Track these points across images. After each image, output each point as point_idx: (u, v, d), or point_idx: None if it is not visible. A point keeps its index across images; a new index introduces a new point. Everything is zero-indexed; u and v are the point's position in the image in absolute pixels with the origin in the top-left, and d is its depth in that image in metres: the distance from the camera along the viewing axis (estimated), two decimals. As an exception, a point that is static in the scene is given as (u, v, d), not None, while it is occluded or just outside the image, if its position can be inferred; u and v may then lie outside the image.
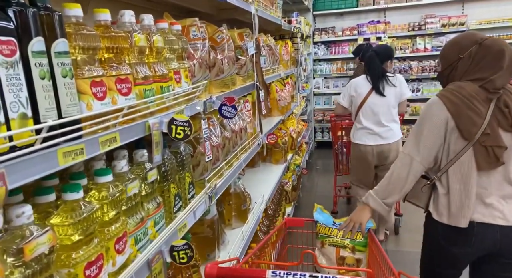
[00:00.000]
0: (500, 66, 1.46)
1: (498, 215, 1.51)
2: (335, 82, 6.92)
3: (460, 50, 1.54)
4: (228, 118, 1.56)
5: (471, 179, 1.50)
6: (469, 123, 1.46)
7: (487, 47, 1.48)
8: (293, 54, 4.25)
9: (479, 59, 1.49)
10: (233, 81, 1.94)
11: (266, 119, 3.37)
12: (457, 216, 1.52)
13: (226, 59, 1.82)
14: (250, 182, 2.99)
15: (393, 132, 3.17)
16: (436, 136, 1.52)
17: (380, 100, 3.10)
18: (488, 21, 5.94)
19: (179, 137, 1.10)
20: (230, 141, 1.88)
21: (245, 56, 2.18)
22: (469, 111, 1.46)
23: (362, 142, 3.17)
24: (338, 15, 6.86)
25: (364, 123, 3.13)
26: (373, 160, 3.18)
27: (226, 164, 1.81)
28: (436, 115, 1.52)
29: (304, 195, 4.77)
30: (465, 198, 1.51)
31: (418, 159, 1.55)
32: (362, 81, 3.22)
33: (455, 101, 1.48)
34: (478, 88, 1.48)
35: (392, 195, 1.61)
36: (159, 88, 1.12)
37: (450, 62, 1.58)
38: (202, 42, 1.60)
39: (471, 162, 1.49)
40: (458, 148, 1.51)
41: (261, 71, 2.41)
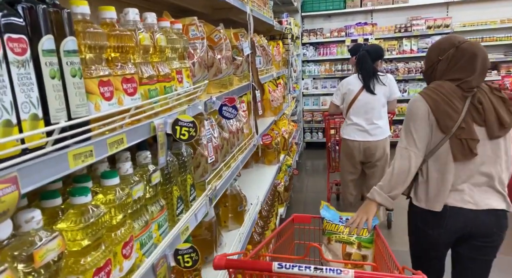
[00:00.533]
0: (473, 69, 1.61)
1: (469, 200, 1.67)
2: (323, 83, 6.97)
3: (439, 52, 1.71)
4: (229, 119, 1.54)
5: (447, 168, 1.66)
6: (446, 118, 1.62)
7: (463, 50, 1.64)
8: (284, 55, 4.25)
9: (456, 61, 1.65)
10: (230, 82, 1.93)
11: (260, 120, 3.36)
12: (433, 201, 1.69)
13: (224, 59, 1.80)
14: (245, 182, 2.97)
15: (382, 130, 3.26)
16: (425, 128, 1.67)
17: (370, 98, 3.20)
18: (472, 23, 6.08)
19: (184, 139, 1.08)
20: (228, 141, 1.86)
21: (241, 56, 2.16)
22: (446, 107, 1.62)
23: (350, 137, 3.26)
24: (326, 16, 6.91)
25: (354, 120, 3.23)
26: (359, 156, 3.29)
27: (225, 165, 1.79)
28: (420, 109, 1.67)
29: (295, 196, 4.78)
30: (441, 186, 1.68)
31: (416, 150, 1.68)
32: (353, 80, 3.33)
33: (434, 98, 1.65)
34: (456, 87, 1.64)
35: (396, 188, 1.72)
36: (163, 88, 1.10)
37: (431, 63, 1.75)
38: (201, 42, 1.58)
39: (448, 153, 1.65)
40: (437, 140, 1.67)
41: (257, 72, 2.40)
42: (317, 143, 7.07)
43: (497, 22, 5.94)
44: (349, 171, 3.48)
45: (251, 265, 1.14)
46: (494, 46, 6.09)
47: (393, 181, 1.72)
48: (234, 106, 1.51)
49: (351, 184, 3.55)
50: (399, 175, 1.71)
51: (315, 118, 7.01)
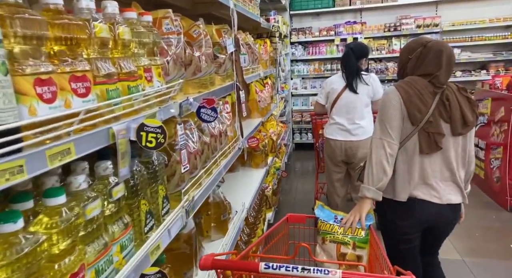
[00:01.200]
0: (439, 64, 1.73)
1: (435, 194, 1.79)
2: (312, 83, 6.86)
3: (409, 52, 1.84)
4: (208, 122, 1.39)
5: (414, 161, 1.77)
6: (415, 110, 1.71)
7: (429, 48, 1.76)
8: (271, 54, 4.12)
9: (423, 58, 1.78)
10: (211, 81, 1.78)
11: (246, 122, 3.22)
12: (399, 191, 1.79)
13: (204, 57, 1.66)
14: (230, 188, 2.82)
15: (364, 130, 3.20)
16: (398, 118, 1.75)
17: (353, 98, 3.14)
18: (461, 22, 6.04)
19: (151, 146, 0.93)
20: (209, 146, 1.72)
21: (224, 54, 2.02)
22: (417, 100, 1.72)
23: (333, 136, 3.23)
24: (315, 15, 6.80)
25: (336, 119, 3.19)
26: (341, 155, 3.24)
27: (205, 172, 1.64)
28: (393, 100, 1.76)
29: (283, 198, 4.65)
30: (407, 176, 1.78)
31: (389, 139, 1.75)
32: (336, 79, 3.26)
33: (407, 90, 1.75)
34: (428, 83, 1.75)
35: (381, 179, 1.76)
36: (126, 88, 0.95)
37: (402, 63, 1.88)
38: (176, 37, 1.43)
39: (416, 146, 1.75)
40: (407, 132, 1.76)
41: (241, 71, 2.26)
42: (307, 143, 6.96)
43: (486, 21, 5.91)
44: (333, 171, 3.42)
45: (237, 265, 1.13)
46: (483, 46, 6.06)
47: (375, 173, 1.76)
48: (214, 108, 1.36)
49: (337, 184, 3.46)
50: (378, 165, 1.75)
51: (304, 119, 6.89)
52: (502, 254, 3.12)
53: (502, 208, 3.91)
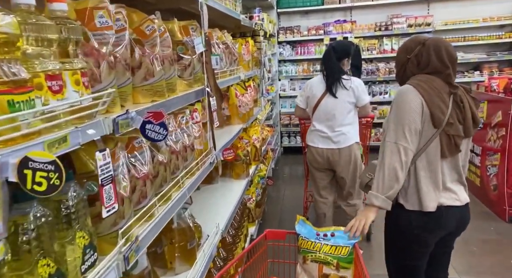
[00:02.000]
0: (442, 61, 1.67)
1: (455, 197, 1.72)
2: (301, 85, 6.58)
3: (407, 52, 1.76)
4: (155, 141, 1.10)
5: (436, 166, 1.67)
6: (439, 111, 1.62)
7: (429, 46, 1.70)
8: (255, 54, 3.83)
9: (424, 57, 1.70)
10: (171, 87, 1.49)
11: (225, 129, 2.93)
12: (426, 201, 1.66)
13: (159, 58, 1.36)
14: (204, 204, 2.53)
15: (346, 137, 2.97)
16: (417, 121, 1.63)
17: (333, 104, 2.92)
18: (454, 21, 5.83)
19: (40, 191, 0.64)
20: (168, 165, 1.42)
21: (189, 55, 1.72)
22: (439, 101, 1.63)
23: (314, 144, 3.05)
24: (303, 13, 6.54)
25: (316, 126, 3.02)
26: (324, 163, 3.05)
27: (160, 198, 1.35)
28: (413, 101, 1.63)
29: (269, 208, 4.36)
30: (432, 184, 1.67)
31: (406, 144, 1.62)
32: (317, 82, 3.02)
33: (428, 90, 1.63)
34: (444, 83, 1.67)
35: (392, 187, 1.64)
36: (5, 104, 0.65)
37: (401, 64, 1.79)
38: (116, 34, 1.13)
39: (437, 150, 1.65)
40: (428, 136, 1.65)
41: (213, 74, 1.97)
42: (296, 147, 6.68)
43: (480, 21, 5.71)
44: (318, 177, 3.18)
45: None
46: (476, 46, 5.86)
47: (387, 180, 1.64)
48: (163, 124, 1.07)
49: (323, 192, 3.22)
50: (391, 172, 1.63)
51: (292, 122, 6.62)
52: (503, 271, 2.88)
53: (500, 219, 3.68)
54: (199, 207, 2.46)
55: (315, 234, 1.65)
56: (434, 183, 1.68)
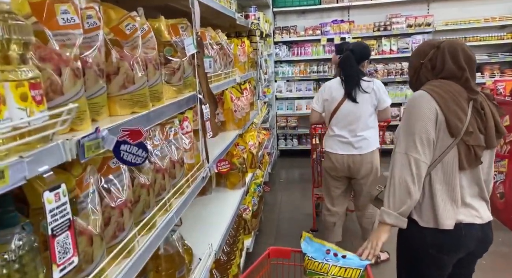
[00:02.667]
0: (459, 64, 1.52)
1: (476, 214, 1.57)
2: (298, 86, 6.41)
3: (420, 56, 1.63)
4: (133, 164, 0.90)
5: (454, 178, 1.52)
6: (456, 118, 1.47)
7: (443, 49, 1.57)
8: (251, 55, 3.63)
9: (438, 61, 1.57)
10: (156, 95, 1.28)
11: (219, 136, 2.72)
12: (443, 218, 1.52)
13: (141, 62, 1.16)
14: (196, 219, 2.33)
15: (368, 142, 2.82)
16: (430, 130, 1.49)
17: (355, 108, 2.76)
18: (455, 21, 5.68)
19: None
20: (152, 188, 1.22)
21: (179, 57, 1.52)
22: (455, 107, 1.48)
23: (333, 150, 2.89)
24: (300, 13, 6.35)
25: (336, 131, 2.85)
26: (343, 171, 2.85)
27: (143, 227, 1.14)
28: (427, 108, 1.50)
29: (266, 216, 4.16)
30: (449, 198, 1.53)
31: (417, 156, 1.49)
32: (336, 85, 2.86)
33: (443, 95, 1.50)
34: (461, 87, 1.52)
35: (404, 202, 1.51)
36: None
37: (415, 70, 1.66)
38: (86, 34, 0.93)
39: (455, 161, 1.51)
40: (444, 146, 1.51)
41: (206, 78, 1.77)
42: (292, 150, 6.51)
43: (481, 21, 5.57)
44: (333, 186, 3.00)
45: None
46: (477, 47, 5.71)
47: (398, 195, 1.52)
48: (141, 144, 0.87)
49: (336, 201, 3.03)
50: (402, 186, 1.51)
51: (289, 124, 6.44)
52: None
53: (508, 229, 3.52)
54: (190, 222, 2.26)
55: (323, 252, 1.54)
56: (452, 198, 1.53)
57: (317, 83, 6.31)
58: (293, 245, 3.47)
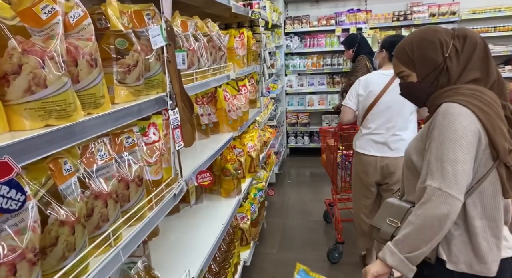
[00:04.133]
0: (487, 63, 1.25)
1: (507, 245, 1.30)
2: (310, 80, 6.04)
3: (441, 47, 1.27)
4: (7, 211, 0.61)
5: (496, 209, 1.23)
6: (504, 140, 1.18)
7: (470, 40, 1.25)
8: (254, 48, 3.31)
9: (467, 54, 1.25)
10: (93, 100, 0.99)
11: (210, 139, 2.44)
12: (488, 261, 1.22)
13: (61, 57, 0.87)
14: (179, 233, 2.05)
15: (405, 144, 2.44)
16: (472, 157, 1.18)
17: (396, 102, 2.44)
18: (483, 9, 5.17)
19: None
20: (79, 222, 0.93)
21: (136, 51, 1.22)
22: (500, 123, 1.18)
23: (365, 151, 2.60)
24: (314, 2, 5.96)
25: (372, 128, 2.56)
26: (375, 175, 2.61)
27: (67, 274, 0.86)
28: (469, 130, 1.17)
29: (270, 221, 3.87)
30: (493, 237, 1.23)
31: (456, 193, 1.16)
32: (375, 77, 2.58)
33: (485, 110, 1.18)
34: (493, 92, 1.23)
35: (420, 247, 1.20)
36: None
37: (435, 66, 1.27)
38: None
39: (496, 188, 1.22)
40: (483, 172, 1.21)
41: (178, 76, 1.46)
42: (303, 148, 6.17)
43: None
44: (363, 195, 2.71)
45: None
46: (508, 37, 5.18)
47: (418, 236, 1.19)
48: (14, 183, 0.58)
49: (366, 210, 2.75)
50: (429, 229, 1.18)
51: (300, 121, 6.09)
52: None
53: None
54: (171, 238, 1.99)
55: None
56: (496, 235, 1.24)
57: (330, 77, 5.93)
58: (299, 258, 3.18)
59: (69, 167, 0.93)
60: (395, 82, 2.50)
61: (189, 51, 1.77)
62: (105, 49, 1.16)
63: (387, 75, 2.54)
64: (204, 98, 2.51)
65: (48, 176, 0.87)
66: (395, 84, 2.50)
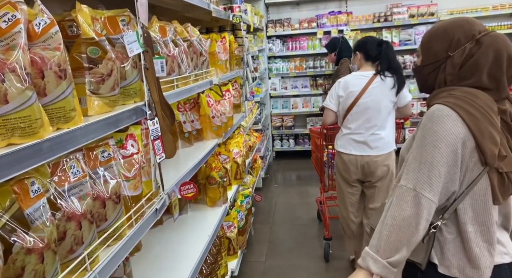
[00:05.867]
0: (500, 73, 1.16)
1: (504, 250, 1.26)
2: (293, 83, 6.03)
3: (450, 45, 1.22)
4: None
5: (489, 215, 1.20)
6: (492, 144, 1.14)
7: (486, 47, 1.16)
8: (236, 52, 3.25)
9: (473, 62, 1.18)
10: (62, 114, 0.92)
11: (194, 147, 2.37)
12: (481, 265, 1.20)
13: (25, 69, 0.79)
14: (162, 248, 1.97)
15: (384, 142, 2.57)
16: (454, 162, 1.16)
17: (375, 103, 2.54)
18: (460, 10, 5.27)
19: None
20: (49, 248, 0.86)
21: (110, 60, 1.15)
22: (490, 127, 1.14)
23: (346, 150, 2.66)
24: (294, 4, 5.96)
25: (352, 129, 2.63)
26: (356, 173, 2.66)
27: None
28: (452, 133, 1.14)
29: (257, 228, 3.81)
30: (485, 242, 1.21)
31: (431, 196, 1.15)
32: (354, 79, 2.63)
33: (473, 114, 1.15)
34: (489, 97, 1.18)
35: (399, 249, 1.18)
36: None
37: (436, 59, 1.25)
38: None
39: (487, 193, 1.19)
40: (473, 176, 1.19)
41: (157, 84, 1.40)
42: (289, 151, 6.15)
43: (489, 9, 5.15)
44: (348, 192, 2.75)
45: None
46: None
47: (394, 239, 1.17)
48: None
49: (352, 208, 2.78)
50: (403, 230, 1.16)
51: (285, 124, 6.07)
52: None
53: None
54: (155, 253, 1.91)
55: None
56: (488, 241, 1.21)
57: (313, 79, 5.93)
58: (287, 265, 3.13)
59: (37, 187, 0.85)
60: (373, 83, 2.56)
61: (168, 57, 1.70)
62: (76, 58, 1.09)
63: (366, 77, 2.59)
64: (186, 105, 2.44)
65: (13, 199, 0.79)
66: (373, 85, 2.56)
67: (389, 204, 1.22)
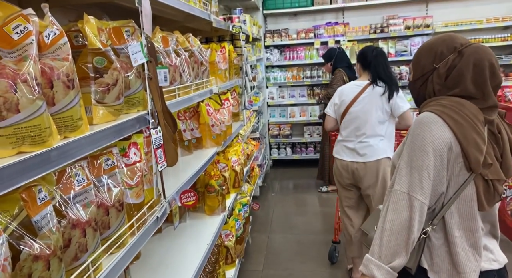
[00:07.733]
0: (483, 82, 1.23)
1: (492, 257, 1.31)
2: (291, 92, 6.07)
3: (435, 58, 1.30)
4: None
5: (474, 221, 1.25)
6: (476, 150, 1.19)
7: (468, 58, 1.24)
8: (235, 61, 3.29)
9: (456, 73, 1.25)
10: (70, 123, 0.94)
11: (193, 155, 2.38)
12: (466, 271, 1.23)
13: (36, 80, 0.81)
14: (161, 257, 1.97)
15: (373, 150, 2.63)
16: (441, 166, 1.21)
17: (364, 112, 2.64)
18: (455, 23, 5.36)
19: None
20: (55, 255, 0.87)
21: (116, 69, 1.17)
22: (475, 135, 1.19)
23: (339, 156, 2.80)
24: (292, 15, 6.04)
25: (344, 135, 2.77)
26: (348, 178, 2.77)
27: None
28: (438, 138, 1.20)
29: (254, 237, 3.80)
30: (471, 247, 1.25)
31: (423, 199, 1.21)
32: (348, 88, 2.76)
33: (459, 121, 1.20)
34: (476, 107, 1.23)
35: (399, 253, 1.23)
36: None
37: (423, 73, 1.34)
38: None
39: (473, 199, 1.24)
40: (459, 182, 1.23)
41: (160, 93, 1.42)
42: (286, 160, 6.17)
43: (483, 22, 5.25)
44: (344, 196, 2.87)
45: None
46: (479, 49, 5.38)
47: (393, 244, 1.22)
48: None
49: (349, 211, 2.86)
50: (401, 233, 1.22)
51: (282, 132, 6.10)
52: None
53: (522, 250, 3.17)
54: (154, 261, 1.91)
55: None
56: (473, 245, 1.26)
57: (310, 88, 5.99)
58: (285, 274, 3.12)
59: (44, 195, 0.87)
60: (364, 93, 2.65)
61: (170, 67, 1.73)
62: (82, 68, 1.11)
63: (359, 86, 2.69)
64: (186, 113, 2.46)
65: (21, 206, 0.81)
66: (364, 94, 2.65)
67: (386, 209, 1.27)
